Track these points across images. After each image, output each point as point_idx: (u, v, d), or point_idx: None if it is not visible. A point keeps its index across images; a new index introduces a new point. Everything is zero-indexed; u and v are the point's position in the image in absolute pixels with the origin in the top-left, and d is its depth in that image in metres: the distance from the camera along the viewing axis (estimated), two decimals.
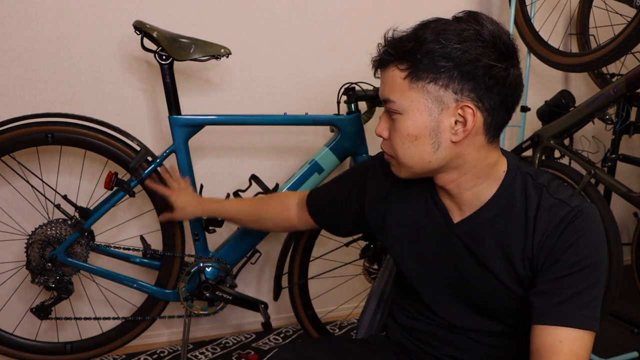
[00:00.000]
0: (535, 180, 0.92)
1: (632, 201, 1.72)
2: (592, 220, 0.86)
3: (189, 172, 1.58)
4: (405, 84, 0.85)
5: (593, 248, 0.85)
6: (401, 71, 0.85)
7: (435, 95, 0.84)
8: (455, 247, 0.96)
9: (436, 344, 1.04)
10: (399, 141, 0.88)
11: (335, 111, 1.71)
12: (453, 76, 0.82)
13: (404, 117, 0.86)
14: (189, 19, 1.77)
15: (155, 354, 1.84)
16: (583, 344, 0.83)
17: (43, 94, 1.65)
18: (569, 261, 0.84)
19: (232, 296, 1.63)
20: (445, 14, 0.93)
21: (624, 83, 1.66)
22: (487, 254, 0.93)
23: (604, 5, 2.13)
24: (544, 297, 0.85)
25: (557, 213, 0.86)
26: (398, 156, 0.90)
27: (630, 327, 2.04)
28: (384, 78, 0.89)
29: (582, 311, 0.83)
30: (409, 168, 0.91)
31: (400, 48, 0.85)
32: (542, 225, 0.87)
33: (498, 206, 0.92)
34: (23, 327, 1.70)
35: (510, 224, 0.90)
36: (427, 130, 0.86)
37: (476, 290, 0.96)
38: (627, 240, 2.64)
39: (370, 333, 1.22)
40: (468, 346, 1.00)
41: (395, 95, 0.86)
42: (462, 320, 1.00)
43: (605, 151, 2.08)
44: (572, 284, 0.84)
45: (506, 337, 0.98)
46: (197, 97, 1.82)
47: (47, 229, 1.51)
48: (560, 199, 0.88)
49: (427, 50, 0.82)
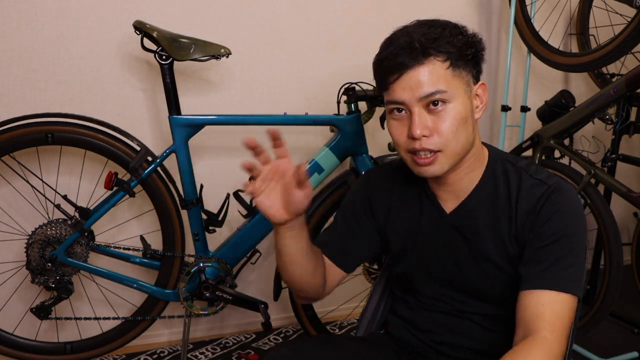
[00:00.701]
0: (515, 164, 1.00)
1: (632, 201, 1.72)
2: (568, 196, 0.94)
3: (189, 172, 1.58)
4: (448, 73, 0.91)
5: (569, 219, 0.92)
6: (442, 62, 0.90)
7: (466, 80, 0.94)
8: (450, 236, 1.02)
9: (436, 330, 1.06)
10: (452, 129, 0.91)
11: (335, 111, 1.71)
12: (472, 60, 0.95)
13: (454, 104, 0.92)
14: (189, 19, 1.77)
15: (155, 354, 1.84)
16: (566, 305, 0.87)
17: (43, 94, 1.65)
18: (548, 232, 0.92)
19: (232, 296, 1.64)
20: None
21: (624, 83, 1.66)
22: (481, 236, 0.99)
23: (604, 5, 2.13)
24: (529, 266, 0.92)
25: (537, 191, 0.95)
26: (450, 145, 0.92)
27: (630, 327, 2.04)
28: (419, 75, 0.90)
29: (562, 274, 0.89)
30: (457, 155, 0.94)
31: (435, 42, 0.91)
32: (524, 204, 0.95)
33: (485, 190, 0.99)
34: (23, 327, 1.70)
35: (497, 205, 0.98)
36: (469, 111, 0.94)
37: (471, 276, 1.01)
38: (627, 240, 2.64)
39: (370, 331, 1.22)
40: (467, 331, 1.03)
41: (444, 85, 0.90)
42: (459, 304, 1.04)
43: (605, 151, 2.08)
44: (552, 251, 0.91)
45: (504, 321, 1.00)
46: (197, 97, 1.82)
47: (47, 229, 1.51)
48: (539, 179, 0.96)
49: (456, 41, 0.92)
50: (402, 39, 0.91)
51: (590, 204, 1.79)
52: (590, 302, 1.82)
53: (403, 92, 0.91)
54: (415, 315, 1.10)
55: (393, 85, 0.92)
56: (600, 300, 1.75)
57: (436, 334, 1.06)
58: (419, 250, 1.06)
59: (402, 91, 0.91)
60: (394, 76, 0.91)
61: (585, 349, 1.89)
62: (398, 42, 0.91)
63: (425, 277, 1.07)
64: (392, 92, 0.93)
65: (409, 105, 0.91)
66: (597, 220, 1.78)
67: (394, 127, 0.96)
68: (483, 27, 2.31)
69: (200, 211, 1.62)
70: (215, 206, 1.67)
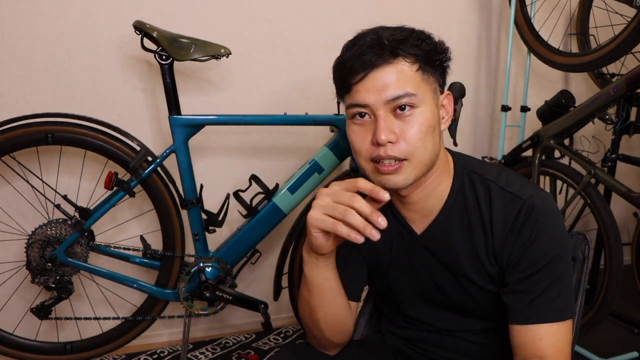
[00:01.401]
0: (482, 176, 0.93)
1: (632, 201, 1.72)
2: (547, 212, 0.87)
3: (189, 172, 1.58)
4: (417, 76, 0.85)
5: (552, 242, 0.86)
6: (411, 64, 0.84)
7: (433, 87, 0.88)
8: (424, 258, 0.97)
9: (429, 348, 1.05)
10: (420, 135, 0.84)
11: (335, 111, 1.71)
12: (439, 67, 0.89)
13: (422, 109, 0.85)
14: (189, 19, 1.77)
15: (155, 354, 1.84)
16: (562, 335, 0.85)
17: (43, 94, 1.65)
18: (531, 259, 0.86)
19: (232, 296, 1.63)
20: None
21: (624, 83, 1.66)
22: (456, 257, 0.93)
23: (604, 5, 2.13)
24: (516, 297, 0.87)
25: (512, 208, 0.88)
26: (416, 154, 0.85)
27: (630, 327, 2.05)
28: (387, 75, 0.83)
29: (555, 304, 0.85)
30: (423, 166, 0.86)
31: (404, 42, 0.84)
32: (499, 221, 0.89)
33: (455, 207, 0.93)
34: (23, 327, 1.70)
35: (470, 223, 0.92)
36: (437, 120, 0.88)
37: (453, 296, 0.97)
38: (627, 240, 2.64)
39: (367, 334, 1.22)
40: (459, 347, 1.01)
41: (413, 88, 0.84)
42: (447, 323, 1.01)
43: (605, 151, 2.08)
44: (539, 280, 0.86)
45: (493, 333, 0.99)
46: (197, 97, 1.82)
47: (47, 229, 1.51)
48: (511, 192, 0.89)
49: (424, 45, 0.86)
50: (369, 37, 0.85)
51: (590, 204, 1.79)
52: (590, 302, 1.82)
53: (368, 94, 0.83)
54: (406, 333, 1.07)
55: (357, 86, 0.84)
56: (600, 300, 1.75)
57: (430, 351, 1.05)
58: (394, 272, 1.01)
59: (367, 93, 0.83)
60: (358, 76, 0.84)
61: (585, 349, 1.89)
62: (364, 40, 0.85)
63: (407, 298, 1.02)
64: (355, 94, 0.85)
65: (374, 108, 0.84)
66: (597, 220, 1.78)
67: (355, 132, 0.87)
68: (483, 27, 2.31)
69: (200, 211, 1.62)
70: (215, 206, 1.67)
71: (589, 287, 2.13)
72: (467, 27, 2.25)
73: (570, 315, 0.86)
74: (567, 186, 1.91)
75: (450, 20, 2.18)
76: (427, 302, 1.01)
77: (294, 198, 1.65)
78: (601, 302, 1.75)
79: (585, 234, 1.06)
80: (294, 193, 1.65)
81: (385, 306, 1.12)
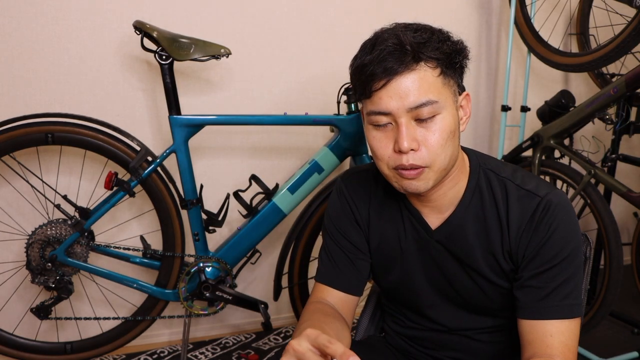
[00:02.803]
0: (499, 174, 0.93)
1: (632, 201, 1.72)
2: (563, 210, 0.88)
3: (189, 172, 1.58)
4: (439, 82, 0.84)
5: (568, 239, 0.87)
6: (433, 69, 0.83)
7: (453, 90, 0.87)
8: (437, 252, 0.96)
9: (434, 347, 1.04)
10: (441, 142, 0.84)
11: (335, 111, 1.71)
12: (459, 69, 0.88)
13: (443, 115, 0.84)
14: (189, 19, 1.77)
15: (155, 354, 1.84)
16: (571, 333, 0.85)
17: (43, 94, 1.65)
18: (547, 256, 0.87)
19: (232, 296, 1.64)
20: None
21: (624, 83, 1.66)
22: (470, 252, 0.93)
23: (604, 5, 2.13)
24: (528, 292, 0.88)
25: (528, 205, 0.88)
26: (437, 160, 0.85)
27: (630, 327, 2.05)
28: (409, 82, 0.82)
29: (566, 301, 0.86)
30: (443, 171, 0.87)
31: (425, 46, 0.83)
32: (515, 219, 0.89)
33: (471, 203, 0.93)
34: (23, 327, 1.70)
35: (486, 219, 0.92)
36: (457, 124, 0.88)
37: (464, 291, 0.96)
38: (627, 240, 2.64)
39: (369, 334, 1.22)
40: (465, 346, 1.01)
41: (435, 95, 0.83)
42: (455, 321, 1.00)
43: (605, 151, 2.08)
44: (553, 277, 0.86)
45: (501, 331, 0.99)
46: (197, 97, 1.82)
47: (47, 229, 1.51)
48: (528, 189, 0.89)
49: (445, 47, 0.84)
50: (390, 42, 0.82)
51: (590, 204, 1.79)
52: (590, 302, 1.82)
53: (390, 101, 0.82)
54: (411, 332, 1.06)
55: (378, 93, 0.83)
56: (600, 300, 1.75)
57: (435, 350, 1.04)
58: (404, 267, 1.00)
59: (389, 100, 0.82)
60: (380, 82, 0.82)
61: (585, 349, 1.89)
62: (385, 44, 0.82)
63: (416, 293, 1.01)
64: (376, 101, 0.83)
65: (396, 116, 0.83)
66: (597, 220, 1.78)
67: (377, 139, 0.87)
68: (483, 27, 2.31)
69: (200, 211, 1.62)
70: (215, 206, 1.67)
71: (589, 287, 2.13)
72: (467, 27, 2.25)
73: (580, 313, 0.87)
74: (567, 186, 1.91)
75: (450, 20, 2.17)
76: (437, 298, 1.00)
77: (294, 198, 1.65)
78: (601, 302, 1.75)
79: (586, 234, 1.06)
80: (294, 193, 1.65)
81: (390, 303, 1.11)
